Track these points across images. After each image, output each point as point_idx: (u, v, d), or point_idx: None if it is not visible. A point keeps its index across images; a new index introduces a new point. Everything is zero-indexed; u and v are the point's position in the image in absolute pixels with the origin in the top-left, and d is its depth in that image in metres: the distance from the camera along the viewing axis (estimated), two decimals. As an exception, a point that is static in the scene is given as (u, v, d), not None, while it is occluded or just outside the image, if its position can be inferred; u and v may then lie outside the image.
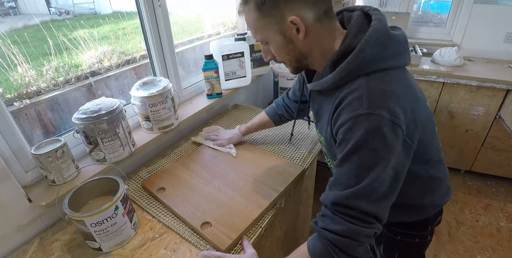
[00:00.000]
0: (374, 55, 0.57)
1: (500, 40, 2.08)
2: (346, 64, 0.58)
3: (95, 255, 0.75)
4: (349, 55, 0.58)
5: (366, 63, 0.57)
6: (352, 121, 0.55)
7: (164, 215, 0.86)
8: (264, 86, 1.86)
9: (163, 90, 1.02)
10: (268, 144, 1.17)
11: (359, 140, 0.54)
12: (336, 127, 0.60)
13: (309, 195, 1.31)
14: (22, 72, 0.94)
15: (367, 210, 0.56)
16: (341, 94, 0.59)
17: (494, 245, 1.69)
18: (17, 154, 0.82)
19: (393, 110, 0.54)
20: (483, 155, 2.06)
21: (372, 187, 0.55)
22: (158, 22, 1.12)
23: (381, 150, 0.54)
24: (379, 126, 0.53)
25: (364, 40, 0.57)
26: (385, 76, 0.58)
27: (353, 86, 0.58)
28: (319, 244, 0.60)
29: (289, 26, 0.60)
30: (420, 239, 0.82)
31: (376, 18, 0.60)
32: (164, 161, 1.10)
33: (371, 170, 0.55)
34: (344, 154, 0.57)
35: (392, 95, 0.56)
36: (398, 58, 0.60)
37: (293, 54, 0.65)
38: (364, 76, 0.58)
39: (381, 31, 0.58)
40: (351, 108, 0.56)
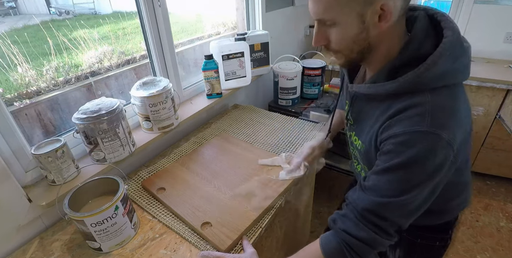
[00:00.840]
0: (445, 70, 0.53)
1: (500, 40, 2.08)
2: (414, 77, 0.53)
3: (95, 255, 0.75)
4: (413, 64, 0.53)
5: (436, 78, 0.53)
6: (408, 136, 0.52)
7: (164, 215, 0.86)
8: (264, 86, 1.86)
9: (163, 90, 1.02)
10: (268, 144, 1.17)
11: (411, 157, 0.52)
12: (385, 136, 0.56)
13: (309, 195, 1.31)
14: (22, 72, 0.94)
15: (397, 222, 0.57)
16: (399, 105, 0.55)
17: (494, 245, 1.69)
18: (17, 154, 0.82)
19: (452, 132, 0.52)
20: (483, 155, 2.06)
21: (410, 201, 0.55)
22: (158, 22, 1.12)
23: (431, 170, 0.53)
24: (435, 147, 0.52)
25: (438, 52, 0.52)
26: (450, 93, 0.55)
27: (416, 99, 0.53)
28: (334, 242, 0.60)
29: (374, 10, 0.51)
30: (441, 243, 0.81)
31: (449, 27, 0.54)
32: (164, 161, 1.10)
33: (414, 187, 0.54)
34: (392, 165, 0.55)
35: (455, 115, 0.53)
36: (463, 73, 0.56)
37: (361, 44, 0.57)
38: (429, 91, 0.54)
39: (456, 44, 0.53)
40: (409, 122, 0.53)
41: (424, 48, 0.54)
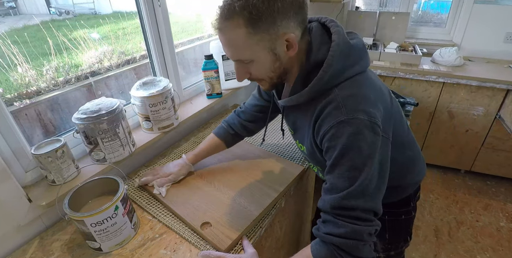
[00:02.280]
0: (340, 67, 0.61)
1: (500, 40, 2.08)
2: (317, 80, 0.61)
3: (95, 255, 0.75)
4: (317, 69, 0.61)
5: (335, 76, 0.61)
6: (335, 129, 0.59)
7: (164, 215, 0.86)
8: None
9: (163, 90, 1.02)
10: (268, 144, 1.17)
11: (344, 144, 0.58)
12: (320, 137, 0.63)
13: (309, 195, 1.31)
14: (22, 72, 0.94)
15: (366, 207, 0.60)
16: (319, 107, 0.63)
17: (494, 245, 1.69)
18: (17, 154, 0.82)
19: (368, 111, 0.59)
20: (483, 155, 2.06)
21: (365, 184, 0.59)
22: (158, 22, 1.12)
23: (366, 149, 0.58)
24: (360, 128, 0.58)
25: (330, 56, 0.60)
26: (353, 83, 0.63)
27: (328, 98, 0.62)
28: (324, 250, 0.62)
29: (282, 43, 0.60)
30: (406, 216, 0.89)
31: (335, 31, 0.63)
32: (164, 161, 1.10)
33: (361, 169, 0.59)
34: (333, 160, 0.61)
35: (364, 98, 0.61)
36: (360, 64, 0.64)
37: (278, 71, 0.65)
38: (335, 87, 0.62)
39: (343, 44, 0.62)
40: (331, 117, 0.60)
41: (321, 54, 0.62)
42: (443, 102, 1.98)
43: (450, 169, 2.25)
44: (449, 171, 2.27)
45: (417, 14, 2.55)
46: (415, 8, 2.47)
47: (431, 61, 2.06)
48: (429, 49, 2.25)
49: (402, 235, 0.93)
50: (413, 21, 2.51)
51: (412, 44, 2.20)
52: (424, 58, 2.04)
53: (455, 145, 2.10)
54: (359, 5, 2.67)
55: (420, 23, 2.53)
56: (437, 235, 1.77)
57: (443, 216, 1.91)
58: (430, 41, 2.33)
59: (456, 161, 2.17)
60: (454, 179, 2.22)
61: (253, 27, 0.57)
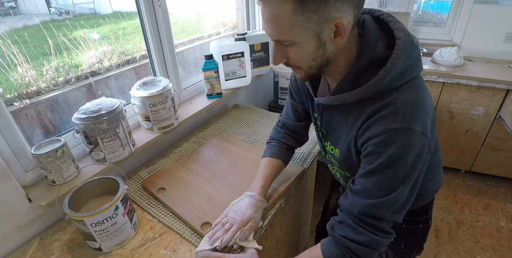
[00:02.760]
0: (403, 68, 0.55)
1: (500, 40, 2.08)
2: (377, 81, 0.55)
3: (95, 255, 0.75)
4: (373, 68, 0.55)
5: (397, 78, 0.56)
6: (386, 135, 0.55)
7: (164, 215, 0.86)
8: (264, 86, 1.86)
9: (163, 90, 1.02)
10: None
11: (393, 154, 0.55)
12: (364, 139, 0.58)
13: (309, 195, 1.31)
14: (22, 72, 0.94)
15: (393, 218, 0.59)
16: (371, 108, 0.57)
17: (494, 245, 1.69)
18: (17, 154, 0.82)
19: (423, 122, 0.55)
20: (483, 155, 2.06)
21: (399, 196, 0.57)
22: (158, 22, 1.12)
23: (412, 162, 0.56)
24: (413, 141, 0.54)
25: (395, 54, 0.54)
26: (412, 87, 0.57)
27: (385, 100, 0.56)
28: (336, 250, 0.61)
29: (330, 28, 0.53)
30: (423, 224, 0.85)
31: (398, 27, 0.56)
32: (164, 161, 1.10)
33: (402, 182, 0.57)
34: (376, 166, 0.57)
35: (422, 106, 0.56)
36: (418, 66, 0.59)
37: (319, 60, 0.58)
38: (394, 90, 0.56)
39: (409, 43, 0.55)
40: (384, 122, 0.55)
41: (379, 51, 0.57)
42: (443, 102, 1.98)
43: (450, 169, 2.25)
44: (449, 171, 2.26)
45: (417, 14, 2.55)
46: (415, 8, 2.47)
47: (431, 61, 2.06)
48: (429, 49, 2.25)
49: (417, 244, 0.90)
50: (413, 21, 2.51)
51: (412, 44, 2.20)
52: (424, 58, 2.04)
53: (455, 145, 2.10)
54: (359, 5, 2.66)
55: (420, 23, 2.53)
56: (437, 235, 1.77)
57: (443, 216, 1.91)
58: (430, 41, 2.33)
59: (456, 161, 2.17)
60: (454, 179, 2.22)
61: (301, 4, 0.50)
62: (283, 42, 0.57)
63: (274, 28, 0.55)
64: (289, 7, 0.51)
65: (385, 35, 0.58)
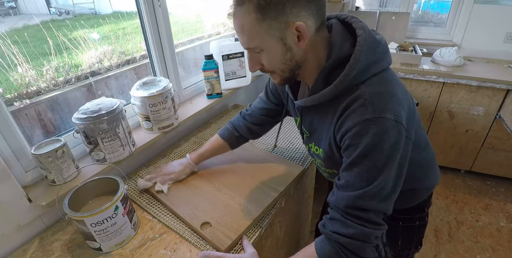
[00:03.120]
0: (367, 63, 0.59)
1: (500, 40, 2.08)
2: (345, 76, 0.58)
3: (95, 255, 0.75)
4: (341, 66, 0.59)
5: (362, 72, 0.59)
6: (359, 126, 0.57)
7: (164, 215, 0.86)
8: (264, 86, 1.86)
9: (163, 90, 1.02)
10: (268, 144, 1.17)
11: (368, 144, 0.56)
12: (341, 134, 0.61)
13: (309, 195, 1.31)
14: (22, 72, 0.94)
15: (379, 208, 0.59)
16: (343, 104, 0.60)
17: (494, 245, 1.69)
18: (17, 154, 0.82)
19: (395, 111, 0.57)
20: (483, 155, 2.06)
21: (382, 185, 0.58)
22: (158, 22, 1.12)
23: (388, 150, 0.57)
24: (386, 128, 0.56)
25: (357, 50, 0.58)
26: (379, 79, 0.60)
27: (354, 94, 0.59)
28: (329, 247, 0.61)
29: (292, 33, 0.57)
30: (420, 222, 0.87)
31: (359, 26, 0.61)
32: (164, 161, 1.10)
33: (381, 170, 0.57)
34: (354, 158, 0.59)
35: (391, 96, 0.58)
36: (385, 60, 0.62)
37: (289, 64, 0.63)
38: (362, 83, 0.59)
39: (369, 39, 0.59)
40: (356, 115, 0.57)
41: (345, 50, 0.60)
42: (443, 102, 1.98)
43: (450, 169, 2.25)
44: (449, 171, 2.27)
45: (417, 14, 2.55)
46: (415, 8, 2.47)
47: (431, 61, 2.05)
48: (429, 49, 2.25)
49: (415, 241, 0.91)
50: (413, 21, 2.51)
51: (412, 44, 2.20)
52: (424, 58, 2.04)
53: (455, 145, 2.10)
54: (359, 5, 2.66)
55: (420, 23, 2.53)
56: (437, 235, 1.77)
57: (443, 216, 1.91)
58: (430, 41, 2.33)
59: (456, 161, 2.17)
60: (454, 179, 2.22)
61: (262, 13, 0.55)
62: (254, 50, 0.62)
63: (243, 37, 0.61)
64: (252, 17, 0.56)
65: (351, 35, 0.62)
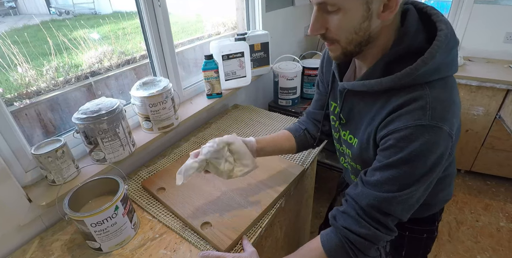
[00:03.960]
0: (440, 62, 0.53)
1: (500, 40, 2.08)
2: (411, 70, 0.52)
3: (95, 255, 0.75)
4: (409, 58, 0.53)
5: (432, 71, 0.53)
6: (411, 130, 0.52)
7: (164, 215, 0.86)
8: (264, 86, 1.86)
9: (163, 90, 1.02)
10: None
11: (415, 151, 0.52)
12: (385, 131, 0.56)
13: (309, 195, 1.31)
14: (22, 72, 0.94)
15: (398, 215, 0.57)
16: (399, 100, 0.54)
17: (494, 245, 1.69)
18: (17, 154, 0.82)
19: (452, 123, 0.53)
20: (483, 155, 2.06)
21: (412, 194, 0.56)
22: (158, 22, 1.12)
23: (433, 163, 0.54)
24: (438, 140, 0.52)
25: (435, 46, 0.51)
26: (445, 84, 0.55)
27: (415, 93, 0.53)
28: (336, 240, 0.61)
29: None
30: (428, 235, 0.83)
31: (441, 20, 0.54)
32: (164, 161, 1.10)
33: (418, 180, 0.55)
34: (394, 160, 0.54)
35: (452, 106, 0.53)
36: (455, 65, 0.57)
37: (361, 35, 0.54)
38: (426, 84, 0.53)
39: (451, 36, 0.53)
40: (411, 117, 0.52)
41: (418, 41, 0.54)
42: (443, 102, 1.98)
43: (450, 169, 2.25)
44: (449, 171, 2.27)
45: (417, 14, 2.56)
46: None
47: (431, 61, 2.05)
48: (429, 49, 2.25)
49: (420, 254, 0.88)
50: (413, 21, 2.51)
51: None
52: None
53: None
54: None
55: (420, 23, 2.53)
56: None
57: (443, 216, 1.90)
58: (430, 41, 2.33)
59: (456, 161, 2.16)
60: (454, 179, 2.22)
61: None
62: (327, 7, 0.52)
63: None
64: None
65: (426, 29, 0.55)
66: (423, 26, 0.55)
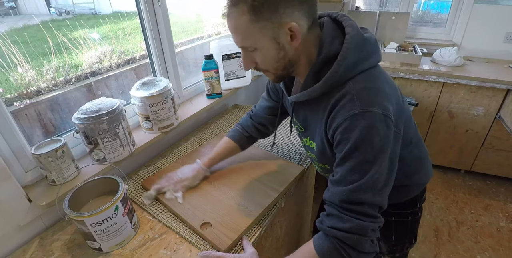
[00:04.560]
0: (355, 60, 0.61)
1: (500, 40, 2.08)
2: (332, 73, 0.60)
3: (95, 255, 0.75)
4: (330, 63, 0.61)
5: (350, 69, 0.61)
6: (348, 121, 0.58)
7: (164, 215, 0.86)
8: (264, 86, 1.85)
9: (163, 90, 1.02)
10: (268, 144, 1.17)
11: (357, 137, 0.58)
12: (332, 130, 0.63)
13: (309, 195, 1.31)
14: (22, 72, 0.94)
15: (373, 202, 0.60)
16: (332, 100, 0.62)
17: (494, 245, 1.69)
18: (17, 154, 0.82)
19: (383, 105, 0.59)
20: (483, 155, 2.06)
21: (375, 178, 0.59)
22: (158, 22, 1.12)
23: (378, 143, 0.58)
24: (374, 122, 0.57)
25: (345, 48, 0.60)
26: (367, 76, 0.62)
27: (343, 90, 0.61)
28: (327, 243, 0.62)
29: (285, 32, 0.60)
30: (413, 216, 0.89)
31: (348, 24, 0.63)
32: (164, 161, 1.10)
33: (372, 163, 0.58)
34: (345, 152, 0.60)
35: (378, 91, 0.60)
36: (373, 57, 0.64)
37: (282, 62, 0.65)
38: (350, 80, 0.61)
39: (357, 37, 0.61)
40: (345, 110, 0.59)
41: (334, 47, 0.62)
42: (443, 102, 1.98)
43: (450, 169, 2.25)
44: (449, 171, 2.27)
45: (417, 14, 2.55)
46: (415, 8, 2.47)
47: (431, 61, 2.05)
48: (429, 49, 2.24)
49: (408, 236, 0.93)
50: (413, 21, 2.51)
51: (412, 44, 2.20)
52: (424, 58, 2.04)
53: (455, 145, 2.10)
54: (359, 5, 2.66)
55: (420, 23, 2.53)
56: (437, 235, 1.77)
57: (443, 216, 1.91)
58: (430, 41, 2.33)
59: (456, 161, 2.17)
60: (454, 179, 2.22)
61: (255, 14, 0.58)
62: (248, 49, 0.64)
63: (237, 36, 0.63)
64: (246, 18, 0.58)
65: (342, 33, 0.63)
66: (340, 32, 0.64)
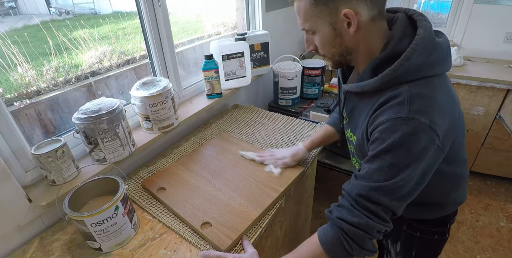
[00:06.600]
0: (420, 63, 0.57)
1: (500, 40, 2.08)
2: (391, 71, 0.58)
3: (95, 255, 0.75)
4: (393, 61, 0.58)
5: (411, 71, 0.58)
6: (391, 122, 0.57)
7: (164, 215, 0.86)
8: (264, 86, 1.86)
9: (163, 90, 1.02)
10: (268, 144, 1.17)
11: (395, 141, 0.56)
12: (372, 127, 0.61)
13: (309, 195, 1.31)
14: (22, 72, 0.94)
15: (389, 205, 0.59)
16: (382, 98, 0.60)
17: (494, 245, 1.69)
18: (17, 154, 0.82)
19: (432, 117, 0.56)
20: (483, 155, 2.06)
21: (399, 185, 0.58)
22: (158, 22, 1.12)
23: (415, 153, 0.56)
24: (417, 130, 0.55)
25: (411, 48, 0.57)
26: (428, 83, 0.59)
27: (396, 91, 0.58)
28: (332, 232, 0.62)
29: (341, 19, 0.60)
30: (439, 236, 0.84)
31: (422, 25, 0.59)
32: (164, 161, 1.10)
33: (402, 170, 0.57)
34: (378, 151, 0.59)
35: (434, 102, 0.57)
36: (441, 65, 0.61)
37: (338, 48, 0.65)
38: (408, 83, 0.58)
39: (428, 39, 0.58)
40: (391, 111, 0.57)
41: (402, 46, 0.59)
42: (443, 102, 1.98)
43: (450, 169, 2.25)
44: (449, 171, 2.26)
45: (417, 14, 2.56)
46: (415, 8, 2.47)
47: (431, 61, 2.05)
48: (429, 49, 2.24)
49: (430, 256, 0.88)
50: (413, 21, 2.51)
51: (412, 44, 2.20)
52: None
53: (455, 145, 2.10)
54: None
55: (420, 23, 2.53)
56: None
57: (443, 216, 1.91)
58: (430, 41, 2.33)
59: (456, 161, 2.17)
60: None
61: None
62: (308, 31, 0.67)
63: (299, 19, 0.66)
64: (306, 1, 0.61)
65: (413, 32, 0.60)
66: (412, 31, 0.61)
